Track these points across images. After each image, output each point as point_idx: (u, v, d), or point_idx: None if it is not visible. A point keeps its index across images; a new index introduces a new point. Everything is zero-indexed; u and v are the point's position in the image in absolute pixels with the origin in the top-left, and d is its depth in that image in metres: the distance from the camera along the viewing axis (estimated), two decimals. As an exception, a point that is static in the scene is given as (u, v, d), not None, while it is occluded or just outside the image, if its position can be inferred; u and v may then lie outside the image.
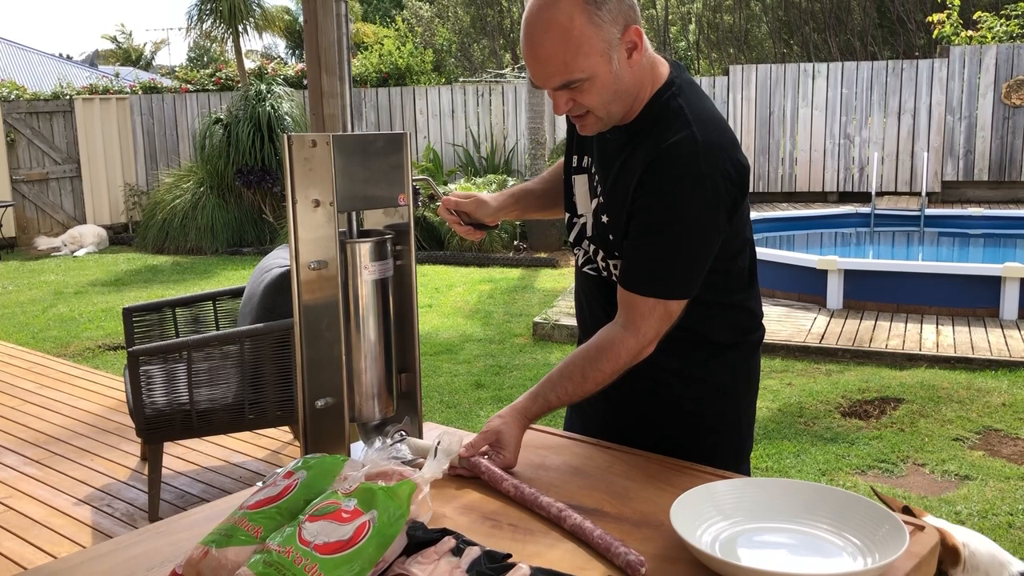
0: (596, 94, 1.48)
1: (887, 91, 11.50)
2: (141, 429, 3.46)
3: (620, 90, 1.50)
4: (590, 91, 1.48)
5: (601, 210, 1.63)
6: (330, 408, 1.63)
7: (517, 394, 5.10)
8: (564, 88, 1.48)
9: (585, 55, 1.44)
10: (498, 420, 1.55)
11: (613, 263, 1.65)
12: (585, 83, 1.46)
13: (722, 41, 25.21)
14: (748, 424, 1.78)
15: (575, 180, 1.73)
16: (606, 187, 1.62)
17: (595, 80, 1.46)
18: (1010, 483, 3.70)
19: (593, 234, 1.68)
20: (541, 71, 1.47)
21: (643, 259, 1.53)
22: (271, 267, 3.67)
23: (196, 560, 1.26)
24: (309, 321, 1.62)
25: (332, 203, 1.55)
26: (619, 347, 1.53)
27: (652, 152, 1.51)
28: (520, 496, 1.42)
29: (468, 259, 9.57)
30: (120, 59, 33.06)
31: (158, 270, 9.95)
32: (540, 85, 1.50)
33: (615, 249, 1.62)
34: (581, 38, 1.43)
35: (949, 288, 6.42)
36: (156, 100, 13.36)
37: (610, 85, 1.48)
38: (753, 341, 1.75)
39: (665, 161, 1.49)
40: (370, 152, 1.62)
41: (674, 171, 1.49)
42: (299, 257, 1.60)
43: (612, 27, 1.45)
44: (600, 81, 1.47)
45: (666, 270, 1.53)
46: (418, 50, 15.13)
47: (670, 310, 1.53)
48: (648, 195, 1.51)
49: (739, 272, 1.67)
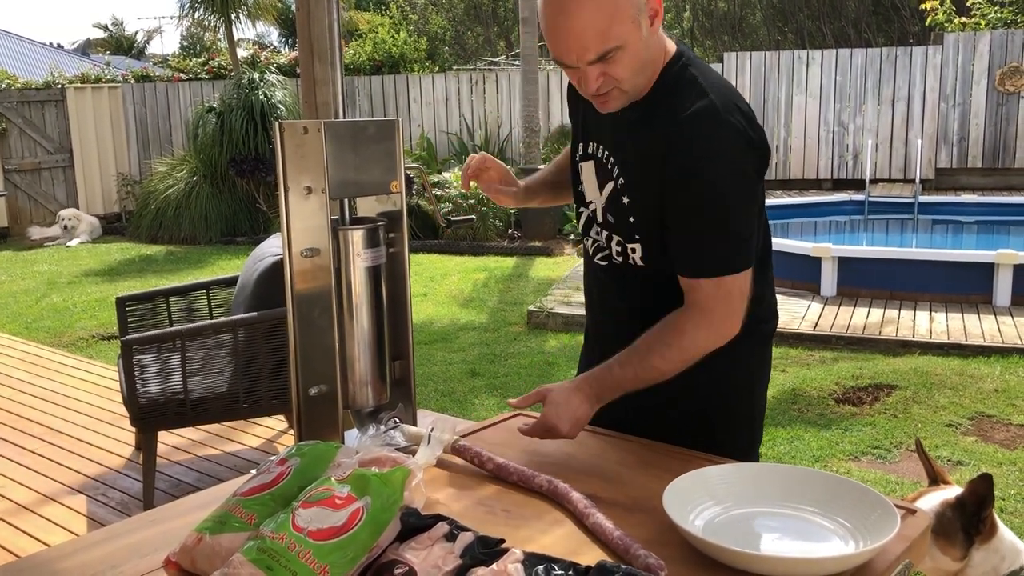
0: (627, 64, 1.45)
1: (881, 78, 11.50)
2: (135, 418, 3.46)
3: (647, 59, 1.48)
4: (622, 61, 1.44)
5: (620, 192, 1.60)
6: (324, 395, 1.63)
7: (512, 382, 5.14)
8: (599, 61, 1.43)
9: (620, 22, 1.41)
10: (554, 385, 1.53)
11: (632, 247, 1.61)
12: (618, 53, 1.43)
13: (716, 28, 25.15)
14: (760, 415, 1.77)
15: (582, 168, 1.70)
16: (626, 167, 1.59)
17: (627, 49, 1.43)
18: (1002, 468, 3.72)
19: (604, 220, 1.65)
20: (576, 44, 1.42)
21: (695, 241, 1.51)
22: (264, 256, 3.66)
23: (190, 547, 1.27)
24: (302, 309, 1.62)
25: (324, 190, 1.55)
26: (691, 334, 1.51)
27: (672, 123, 1.49)
28: (553, 490, 1.41)
29: (463, 248, 9.56)
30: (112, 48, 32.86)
31: (152, 260, 9.92)
32: (572, 62, 1.45)
33: (637, 231, 1.59)
34: (615, 3, 1.40)
35: (943, 275, 6.44)
36: (149, 89, 13.30)
37: (640, 54, 1.46)
38: (766, 332, 1.73)
39: (689, 133, 1.47)
40: (362, 139, 1.61)
41: (701, 143, 1.47)
42: (291, 245, 1.59)
43: None
44: (631, 50, 1.44)
45: (720, 245, 1.50)
46: (412, 38, 15.07)
47: (739, 284, 1.51)
48: (680, 174, 1.48)
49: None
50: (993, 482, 1.80)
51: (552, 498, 1.41)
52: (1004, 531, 1.85)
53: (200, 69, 13.90)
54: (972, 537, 1.81)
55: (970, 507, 1.80)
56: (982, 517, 1.80)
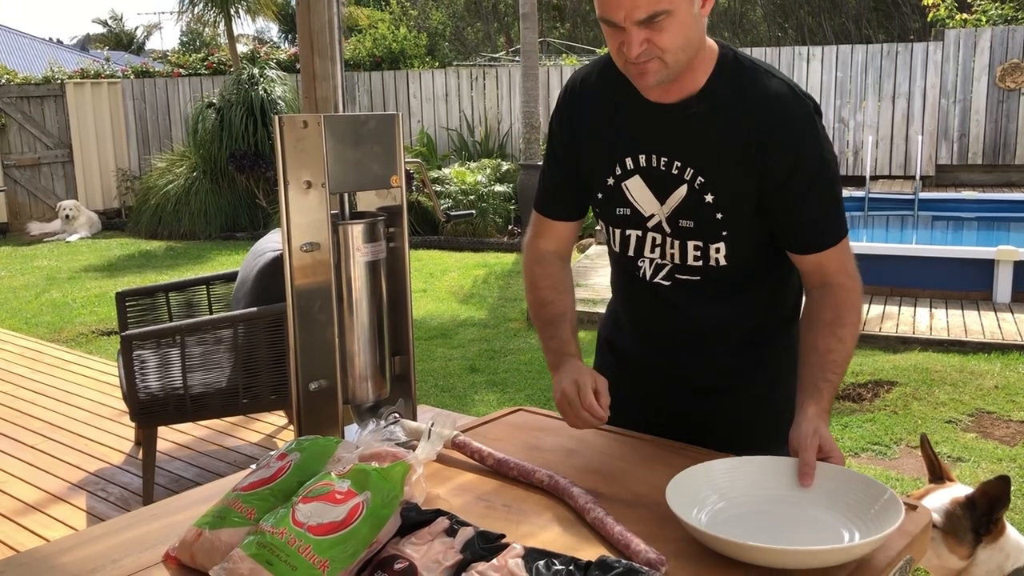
0: (674, 34, 1.43)
1: (882, 75, 11.48)
2: (135, 414, 3.45)
3: (692, 37, 1.47)
4: (669, 29, 1.43)
5: (700, 192, 1.55)
6: (323, 391, 1.62)
7: (512, 379, 5.14)
8: (647, 22, 1.41)
9: None
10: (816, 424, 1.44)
11: (716, 246, 1.57)
12: (667, 19, 1.41)
13: (717, 24, 25.14)
14: None
15: (627, 187, 1.62)
16: (703, 164, 1.54)
17: (675, 16, 1.42)
18: (1002, 465, 3.72)
19: (675, 228, 1.59)
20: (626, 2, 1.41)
21: (820, 212, 1.55)
22: (264, 251, 3.66)
23: (190, 542, 1.26)
24: (302, 304, 1.61)
25: (324, 184, 1.55)
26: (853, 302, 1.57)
27: (758, 107, 1.51)
28: (554, 486, 1.41)
29: (462, 244, 9.56)
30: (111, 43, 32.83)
31: (151, 255, 9.92)
32: (620, 20, 1.42)
33: (725, 227, 1.56)
34: None
35: (943, 271, 6.43)
36: (148, 84, 13.28)
37: (687, 26, 1.45)
38: None
39: (780, 113, 1.51)
40: (362, 133, 1.61)
41: (797, 122, 1.51)
42: (291, 239, 1.59)
43: None
44: (680, 19, 1.43)
45: (838, 209, 1.57)
46: (412, 34, 15.04)
47: (849, 243, 1.58)
48: (790, 155, 1.51)
49: None
50: (1010, 484, 1.79)
51: (553, 493, 1.40)
52: (1010, 530, 1.84)
53: (200, 65, 13.88)
54: (981, 536, 1.81)
55: (981, 507, 1.79)
56: (994, 518, 1.79)
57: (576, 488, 1.38)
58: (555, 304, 1.70)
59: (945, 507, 1.81)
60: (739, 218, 1.56)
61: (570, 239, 1.78)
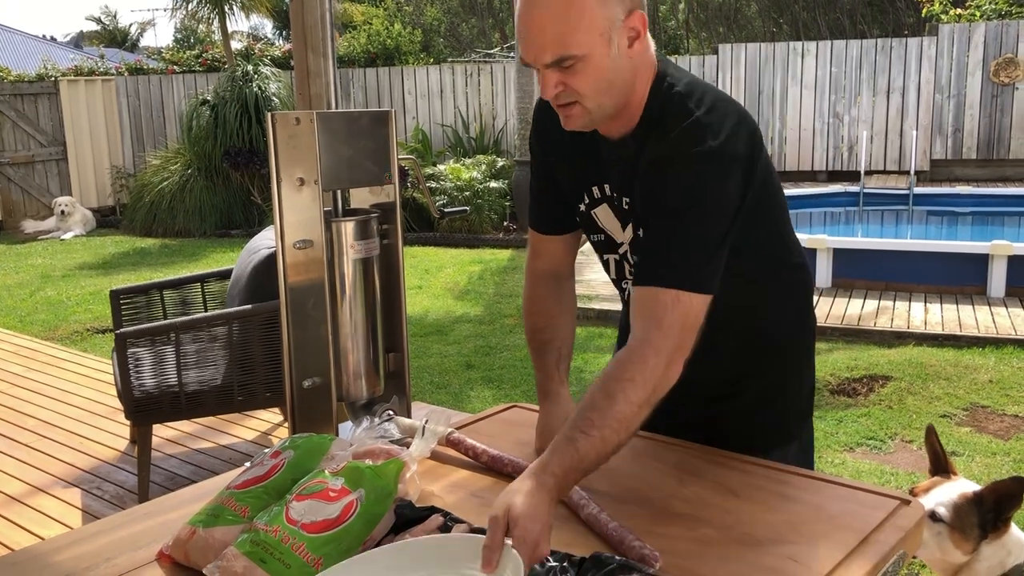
0: (589, 78, 1.36)
1: (876, 70, 11.49)
2: (130, 411, 3.45)
3: (615, 80, 1.38)
4: (583, 73, 1.35)
5: (636, 227, 1.52)
6: (317, 388, 1.62)
7: (508, 375, 5.14)
8: (556, 66, 1.35)
9: (585, 30, 1.32)
10: (511, 497, 1.17)
11: None
12: (579, 63, 1.34)
13: (711, 20, 25.12)
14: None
15: (597, 215, 1.58)
16: (636, 203, 1.50)
17: (590, 61, 1.34)
18: (996, 459, 3.73)
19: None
20: (535, 42, 1.34)
21: (664, 245, 1.37)
22: (258, 248, 3.65)
23: (183, 540, 1.26)
24: (295, 301, 1.61)
25: (317, 181, 1.54)
26: (645, 347, 1.30)
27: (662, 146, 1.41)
28: None
29: (458, 240, 9.55)
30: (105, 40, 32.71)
31: (146, 253, 9.90)
32: (531, 60, 1.36)
33: None
34: (583, 10, 1.31)
35: (937, 266, 6.45)
36: (142, 81, 13.24)
37: (605, 71, 1.36)
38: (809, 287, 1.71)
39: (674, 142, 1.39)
40: (355, 130, 1.61)
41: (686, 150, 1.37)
42: (284, 236, 1.59)
43: (617, 7, 1.34)
44: (595, 64, 1.34)
45: (690, 256, 1.35)
46: (407, 30, 15.02)
47: (693, 307, 1.33)
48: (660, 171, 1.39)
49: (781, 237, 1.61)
50: (1023, 485, 1.77)
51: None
52: (1013, 527, 1.84)
53: (194, 61, 13.85)
54: (986, 532, 1.81)
55: (989, 504, 1.79)
56: (1003, 517, 1.79)
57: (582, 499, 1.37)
58: (544, 331, 1.67)
59: (953, 502, 1.81)
60: None
61: (566, 254, 1.71)
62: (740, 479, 1.43)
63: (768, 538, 1.25)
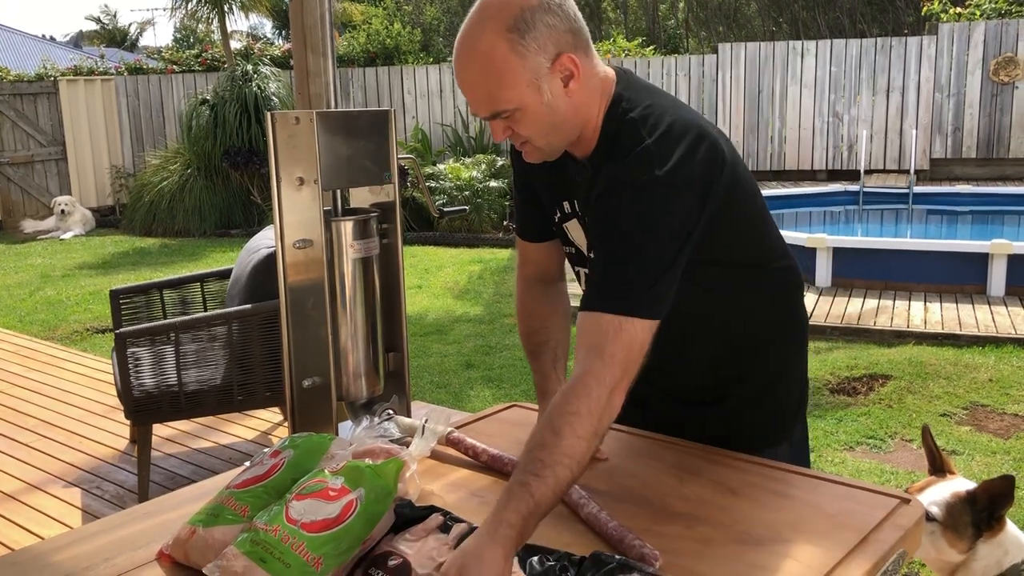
0: (530, 124, 1.40)
1: (876, 69, 11.49)
2: (130, 411, 3.45)
3: (557, 121, 1.41)
4: (523, 121, 1.39)
5: (589, 250, 1.55)
6: (317, 388, 1.62)
7: (508, 374, 5.14)
8: (495, 118, 1.40)
9: (510, 86, 1.35)
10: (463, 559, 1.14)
11: None
12: (515, 113, 1.38)
13: (711, 19, 25.11)
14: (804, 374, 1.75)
15: (568, 229, 1.61)
16: (588, 225, 1.53)
17: (525, 111, 1.37)
18: (996, 458, 3.73)
19: None
20: (472, 100, 1.40)
21: (608, 271, 1.36)
22: (258, 248, 3.65)
23: (183, 540, 1.26)
24: (295, 301, 1.61)
25: (317, 181, 1.54)
26: (587, 378, 1.28)
27: (612, 169, 1.41)
28: None
29: (458, 240, 9.55)
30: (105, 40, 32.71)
31: (146, 252, 9.89)
32: (473, 112, 1.43)
33: None
34: (504, 68, 1.34)
35: (937, 265, 6.44)
36: (142, 81, 13.24)
37: (543, 116, 1.39)
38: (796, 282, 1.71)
39: (623, 167, 1.39)
40: (355, 129, 1.61)
41: (633, 177, 1.37)
42: (284, 236, 1.59)
43: (539, 56, 1.35)
44: (531, 112, 1.38)
45: (633, 283, 1.34)
46: (406, 29, 15.02)
47: (636, 334, 1.31)
48: (608, 195, 1.39)
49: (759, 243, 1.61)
50: (1014, 483, 1.78)
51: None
52: (1009, 526, 1.84)
53: (193, 61, 13.84)
54: (981, 531, 1.81)
55: (982, 503, 1.79)
56: (996, 515, 1.79)
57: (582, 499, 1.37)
58: (538, 333, 1.69)
59: (946, 500, 1.81)
60: None
61: (552, 260, 1.73)
62: (739, 478, 1.43)
63: (767, 537, 1.25)
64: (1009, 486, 1.77)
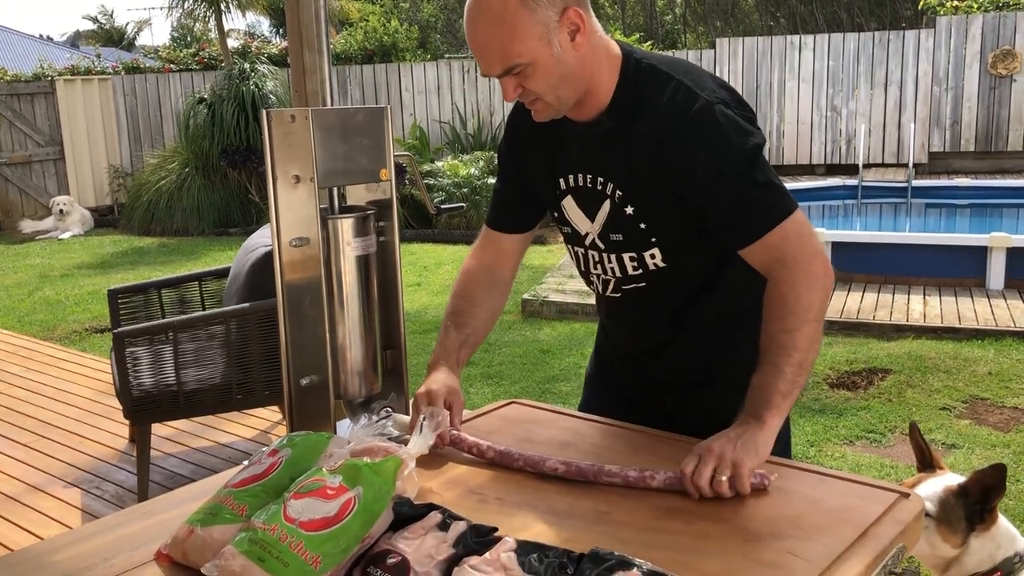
0: (541, 79, 1.46)
1: (874, 63, 11.48)
2: (128, 411, 3.45)
3: (566, 74, 1.47)
4: (534, 76, 1.46)
5: (621, 204, 1.57)
6: (315, 386, 1.62)
7: (507, 371, 5.14)
8: (507, 75, 1.46)
9: (521, 39, 1.42)
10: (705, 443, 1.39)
11: (650, 252, 1.59)
12: (527, 68, 1.44)
13: (708, 14, 25.08)
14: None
15: (564, 207, 1.66)
16: (619, 178, 1.56)
17: (536, 65, 1.44)
18: (996, 451, 3.73)
19: (608, 244, 1.62)
20: (483, 58, 1.46)
21: (740, 202, 1.47)
22: (256, 247, 3.65)
23: (181, 539, 1.26)
24: (292, 299, 1.61)
25: (313, 179, 1.54)
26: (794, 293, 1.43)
27: (653, 113, 1.50)
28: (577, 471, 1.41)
29: (456, 237, 9.54)
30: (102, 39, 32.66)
31: (144, 252, 9.89)
32: (484, 72, 1.48)
33: (652, 235, 1.57)
34: (515, 23, 1.41)
35: (936, 259, 6.44)
36: (139, 80, 13.22)
37: (553, 69, 1.46)
38: None
39: (674, 115, 1.48)
40: (351, 126, 1.60)
41: (690, 118, 1.47)
42: (281, 234, 1.58)
43: (548, 10, 1.42)
44: (542, 65, 1.45)
45: (764, 194, 1.47)
46: (403, 26, 15.00)
47: (796, 223, 1.47)
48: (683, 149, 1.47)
49: None
50: (1005, 472, 1.78)
51: (578, 479, 1.40)
52: (1002, 519, 1.84)
53: (191, 60, 13.82)
54: (974, 525, 1.80)
55: (975, 495, 1.79)
56: (988, 507, 1.79)
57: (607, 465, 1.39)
58: (461, 315, 1.74)
59: (939, 495, 1.81)
60: (663, 224, 1.57)
61: (513, 255, 1.79)
62: (739, 473, 1.42)
63: (767, 532, 1.25)
64: (1000, 475, 1.77)
